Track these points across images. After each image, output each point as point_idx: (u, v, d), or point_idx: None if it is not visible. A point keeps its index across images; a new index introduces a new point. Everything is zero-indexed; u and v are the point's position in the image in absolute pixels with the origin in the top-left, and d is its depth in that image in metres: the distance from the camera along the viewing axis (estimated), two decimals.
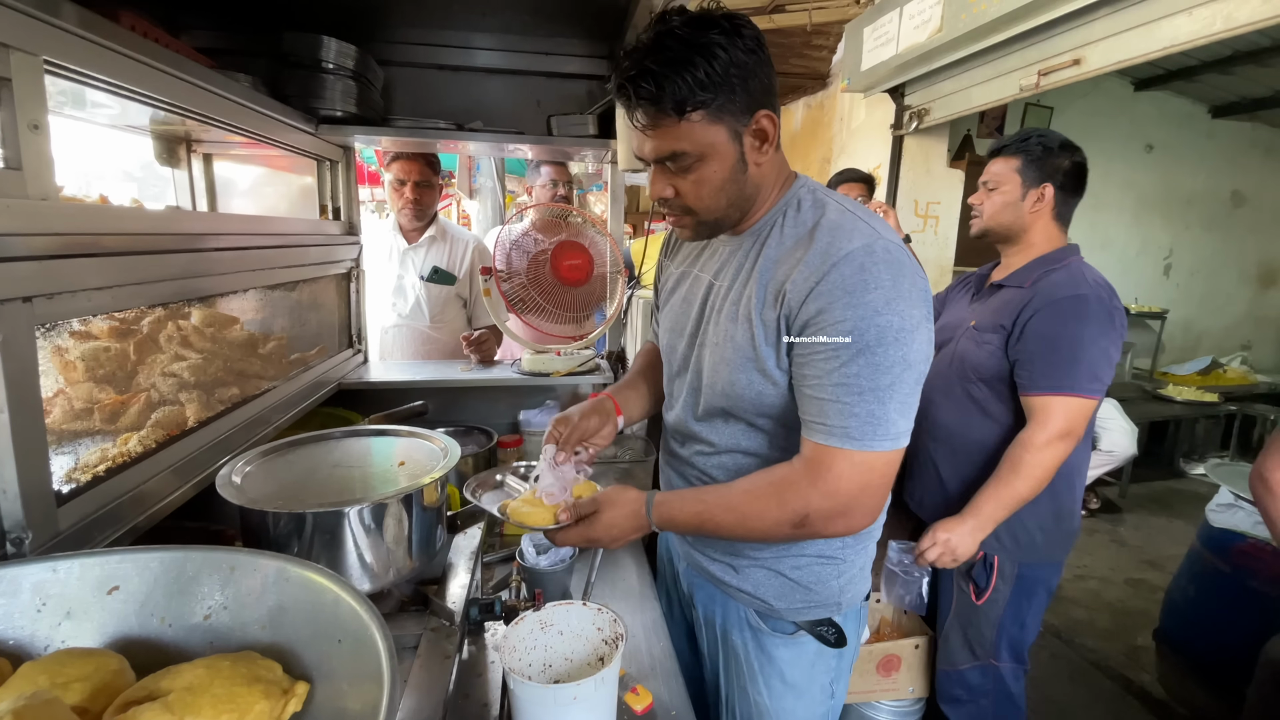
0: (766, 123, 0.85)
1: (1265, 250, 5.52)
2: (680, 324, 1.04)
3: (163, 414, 1.06)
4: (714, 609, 1.10)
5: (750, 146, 0.86)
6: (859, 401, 0.80)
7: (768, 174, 0.91)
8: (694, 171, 0.86)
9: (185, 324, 1.19)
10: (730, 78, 0.80)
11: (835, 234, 0.84)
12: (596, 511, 0.93)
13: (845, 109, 4.54)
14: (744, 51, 0.80)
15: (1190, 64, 4.27)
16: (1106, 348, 1.38)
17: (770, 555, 1.00)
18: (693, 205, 0.90)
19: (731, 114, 0.82)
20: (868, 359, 0.79)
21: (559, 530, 0.95)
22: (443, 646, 0.84)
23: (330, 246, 1.72)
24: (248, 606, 0.49)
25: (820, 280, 0.81)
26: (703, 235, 0.98)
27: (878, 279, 0.79)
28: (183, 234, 1.08)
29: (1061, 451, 1.39)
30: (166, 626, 0.50)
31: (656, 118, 0.82)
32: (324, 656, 0.45)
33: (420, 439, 1.09)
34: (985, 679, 1.62)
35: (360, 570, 0.87)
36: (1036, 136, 1.55)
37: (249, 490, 0.88)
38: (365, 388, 1.78)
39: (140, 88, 0.96)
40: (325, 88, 1.57)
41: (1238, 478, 2.26)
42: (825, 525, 0.85)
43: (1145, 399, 4.57)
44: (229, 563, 0.50)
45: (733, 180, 0.87)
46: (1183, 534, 3.67)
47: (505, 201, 3.93)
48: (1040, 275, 1.48)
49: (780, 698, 1.04)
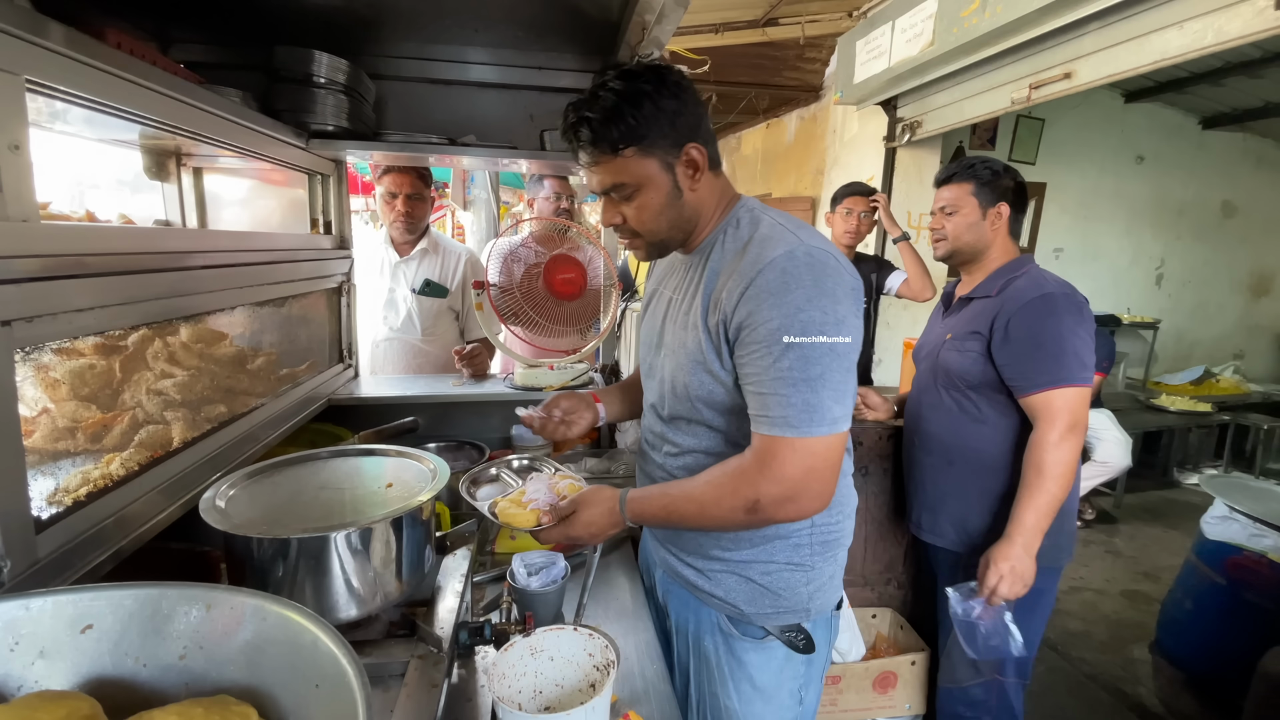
0: (695, 154, 0.97)
1: (1257, 260, 5.57)
2: (650, 337, 1.16)
3: (147, 433, 1.05)
4: (687, 616, 1.16)
5: (682, 175, 0.98)
6: (794, 392, 0.87)
7: (705, 198, 1.02)
8: (635, 200, 0.98)
9: (172, 340, 1.18)
10: (658, 119, 0.93)
11: (764, 245, 0.93)
12: (575, 511, 1.02)
13: (838, 121, 4.56)
14: (669, 97, 0.94)
15: (1181, 76, 4.31)
16: (1085, 336, 1.46)
17: (740, 561, 1.06)
18: (637, 229, 1.02)
19: (662, 149, 0.95)
20: (797, 353, 0.87)
21: (541, 530, 1.03)
22: (430, 675, 0.82)
23: (321, 261, 1.71)
24: (224, 646, 0.47)
25: (748, 286, 0.90)
26: (653, 255, 1.09)
27: (799, 280, 0.88)
28: (170, 252, 1.07)
29: (1076, 444, 1.43)
30: (141, 666, 0.48)
31: (597, 156, 0.96)
32: (301, 701, 0.43)
33: (409, 459, 1.08)
34: (989, 695, 1.62)
35: (347, 596, 0.86)
36: (981, 163, 1.65)
37: (234, 515, 0.86)
38: (356, 403, 1.77)
39: (127, 105, 0.95)
40: (316, 102, 1.57)
41: (1232, 490, 2.27)
42: (776, 510, 0.91)
43: (1139, 409, 4.58)
44: (205, 600, 0.49)
45: (670, 205, 0.99)
46: (1178, 544, 3.68)
47: (500, 213, 3.93)
48: (1004, 283, 1.57)
49: (749, 702, 1.08)
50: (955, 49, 2.90)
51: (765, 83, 5.25)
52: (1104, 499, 4.20)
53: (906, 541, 2.06)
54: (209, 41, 1.66)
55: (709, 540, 1.08)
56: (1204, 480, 2.41)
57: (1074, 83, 2.61)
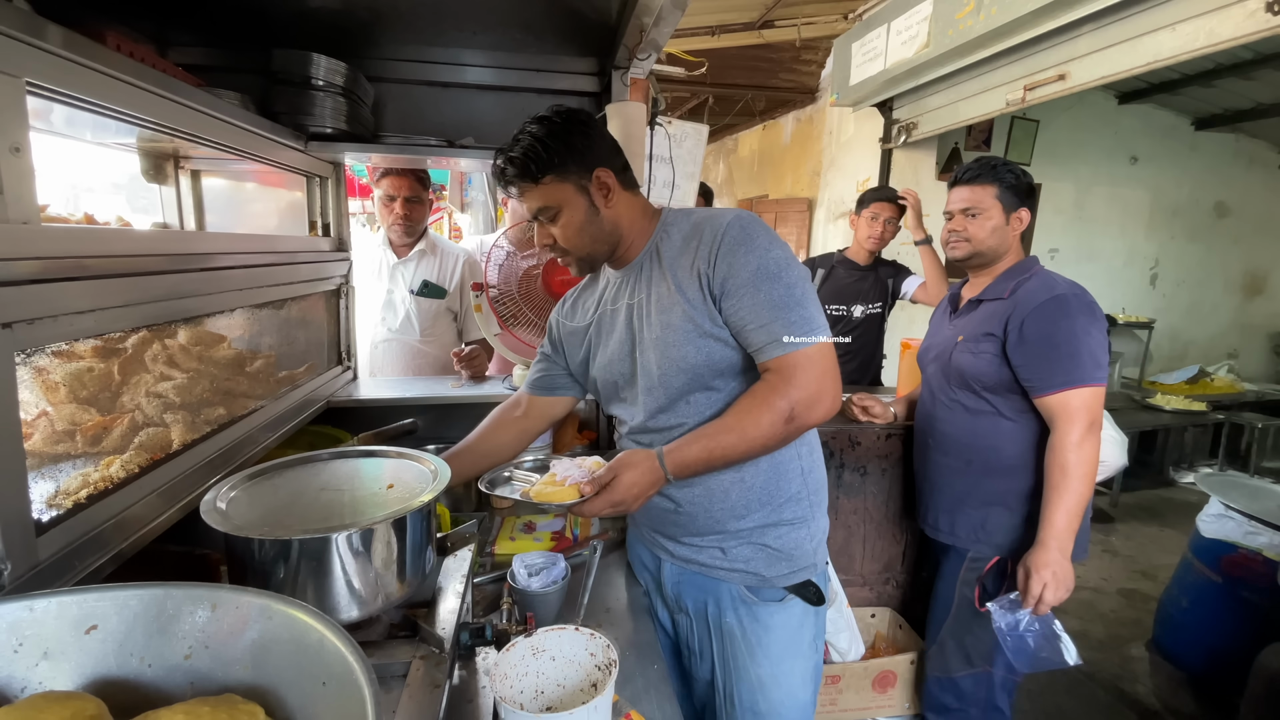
0: (605, 177, 1.12)
1: (1250, 260, 5.60)
2: (617, 352, 1.21)
3: (147, 436, 1.05)
4: (705, 600, 1.22)
5: (597, 195, 1.12)
6: (790, 312, 1.02)
7: (623, 214, 1.16)
8: (559, 220, 1.13)
9: (171, 343, 1.17)
10: (569, 151, 1.09)
11: (711, 217, 1.11)
12: (616, 477, 1.05)
13: (834, 123, 4.58)
14: (578, 134, 1.10)
15: (1173, 77, 4.34)
16: (1099, 335, 1.47)
17: (753, 528, 1.15)
18: (565, 245, 1.15)
19: (575, 174, 1.10)
20: (778, 281, 1.03)
21: (585, 502, 1.04)
22: (432, 675, 0.82)
23: (320, 263, 1.71)
24: (230, 645, 0.48)
25: (719, 246, 1.06)
26: (584, 270, 1.23)
27: (755, 229, 1.07)
28: (170, 254, 1.07)
29: (1095, 442, 1.45)
30: (146, 666, 0.48)
31: (522, 187, 1.12)
32: (308, 699, 0.44)
33: (409, 460, 1.08)
34: (977, 687, 1.63)
35: (349, 597, 0.86)
36: (1003, 165, 1.63)
37: (234, 516, 0.86)
38: (355, 405, 1.76)
39: (126, 108, 0.95)
40: (315, 105, 1.57)
41: (1228, 488, 2.28)
42: (808, 413, 1.03)
43: (1134, 408, 4.60)
44: (210, 600, 0.49)
45: (589, 222, 1.13)
46: (1174, 543, 3.69)
47: (497, 215, 3.93)
48: (1015, 285, 1.58)
49: (778, 661, 1.18)
50: (950, 51, 2.92)
51: (762, 85, 5.27)
52: (1101, 498, 4.21)
53: (905, 541, 2.07)
54: (207, 45, 1.66)
55: (723, 513, 1.15)
56: (1200, 478, 2.43)
57: (1068, 84, 2.63)
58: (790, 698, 1.19)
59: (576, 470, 1.09)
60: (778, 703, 1.18)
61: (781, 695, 1.18)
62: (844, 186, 4.48)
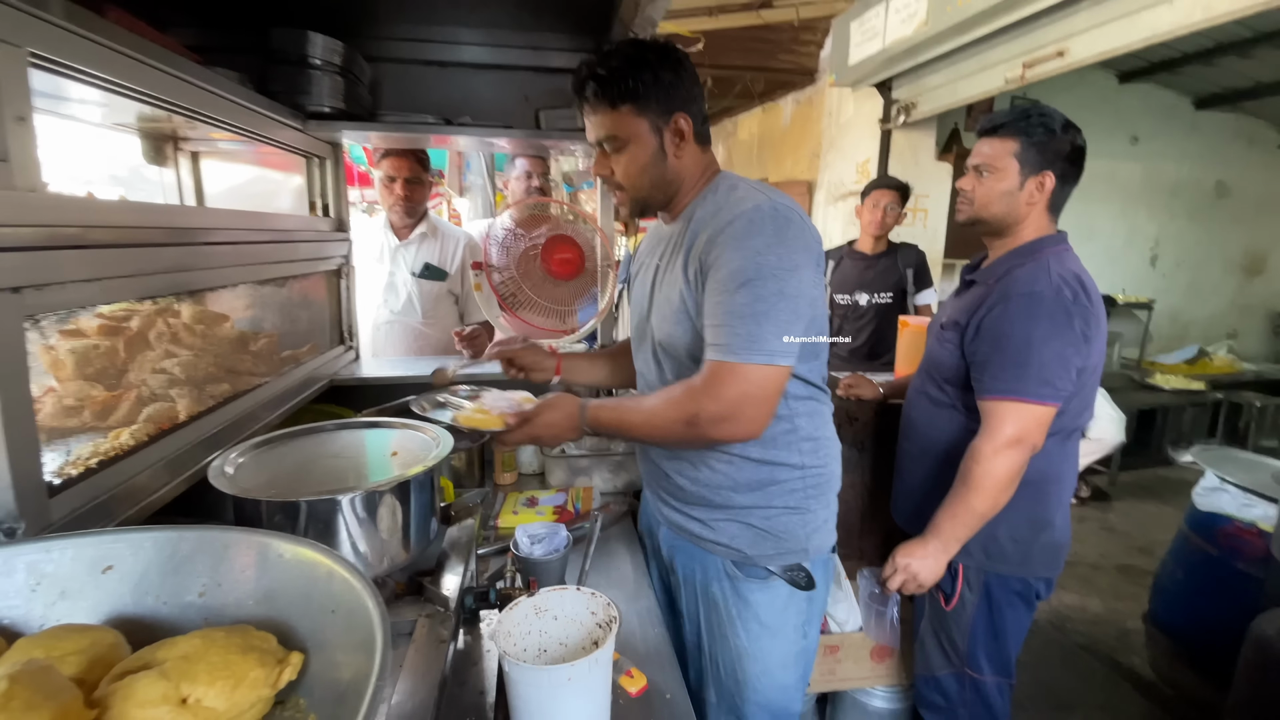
0: (683, 123, 1.07)
1: (1250, 239, 5.59)
2: (640, 305, 1.22)
3: (154, 409, 1.06)
4: (694, 567, 1.22)
5: (669, 140, 1.08)
6: (740, 324, 0.97)
7: (688, 167, 1.11)
8: (624, 153, 1.08)
9: (175, 321, 1.19)
10: (655, 86, 1.03)
11: (737, 202, 1.04)
12: (538, 414, 1.09)
13: (834, 104, 4.56)
14: (668, 70, 1.04)
15: (1173, 56, 4.32)
16: (1061, 349, 1.27)
17: (740, 508, 1.13)
18: (623, 181, 1.11)
19: (653, 112, 1.05)
20: (750, 289, 0.97)
21: (507, 432, 1.09)
22: (438, 631, 0.84)
23: (320, 243, 1.72)
24: (242, 583, 0.49)
25: (719, 232, 1.01)
26: (635, 211, 1.16)
27: (762, 228, 0.98)
28: (172, 228, 1.08)
29: (1014, 460, 1.30)
30: (161, 604, 0.50)
31: (597, 107, 1.06)
32: (318, 628, 0.45)
33: (412, 430, 1.10)
34: (963, 689, 1.53)
35: (354, 558, 0.88)
36: (1038, 115, 1.37)
37: (241, 480, 0.88)
38: (357, 384, 1.78)
39: (127, 81, 0.96)
40: (313, 84, 1.57)
41: (1224, 461, 2.29)
42: (711, 427, 0.99)
43: (1133, 388, 4.62)
44: (222, 541, 0.51)
45: (653, 165, 1.08)
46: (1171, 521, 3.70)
47: (495, 200, 3.93)
48: (1007, 270, 1.38)
49: (757, 638, 1.16)
50: (949, 28, 2.91)
51: (760, 66, 5.24)
52: (1099, 477, 4.24)
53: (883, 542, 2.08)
54: (203, 25, 1.66)
55: (710, 489, 1.15)
56: (1196, 452, 2.44)
57: (1066, 61, 2.62)
58: (767, 675, 1.18)
59: (504, 402, 1.16)
60: (754, 676, 1.18)
61: (758, 670, 1.18)
62: (844, 168, 4.47)
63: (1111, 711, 2.28)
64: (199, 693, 0.41)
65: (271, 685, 0.43)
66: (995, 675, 1.51)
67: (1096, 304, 1.34)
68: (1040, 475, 1.38)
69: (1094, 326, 1.31)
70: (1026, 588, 1.46)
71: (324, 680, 0.43)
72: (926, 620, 1.60)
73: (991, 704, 1.52)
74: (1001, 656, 1.50)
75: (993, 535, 1.41)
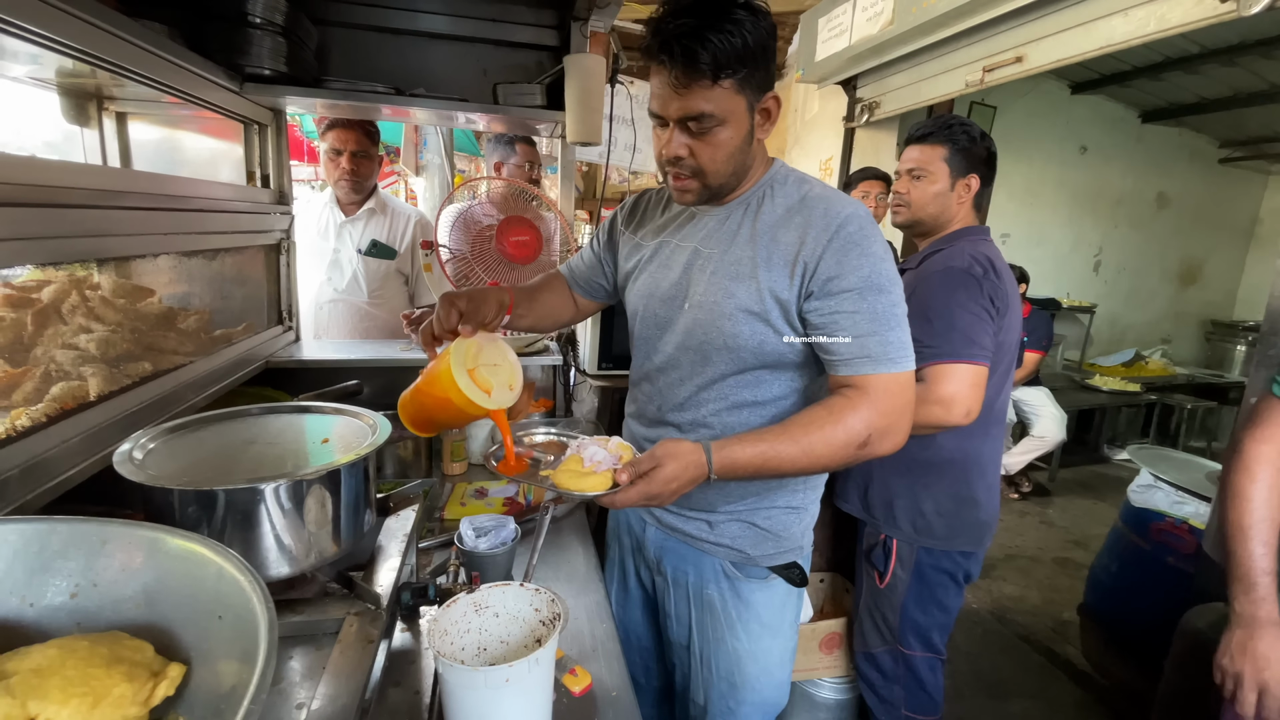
0: (773, 103, 0.96)
1: (1187, 250, 5.86)
2: (658, 288, 1.10)
3: (61, 389, 0.97)
4: (686, 569, 1.17)
5: (759, 122, 0.96)
6: (889, 331, 0.93)
7: (759, 151, 1.02)
8: (712, 134, 0.93)
9: (92, 294, 1.09)
10: (761, 60, 0.90)
11: (829, 204, 0.97)
12: (657, 466, 0.90)
13: (800, 100, 4.57)
14: (766, 34, 0.90)
15: (1123, 69, 4.47)
16: (978, 313, 1.36)
17: (744, 509, 1.10)
18: (705, 167, 0.96)
19: (752, 88, 0.92)
20: (886, 296, 0.93)
21: (618, 492, 0.90)
22: (366, 631, 0.79)
23: (258, 214, 1.62)
24: (121, 583, 0.43)
25: (831, 240, 0.93)
26: (703, 199, 1.03)
27: (873, 237, 0.94)
28: (90, 189, 0.98)
29: (938, 415, 1.34)
30: (28, 606, 0.44)
31: (693, 78, 0.88)
32: (203, 635, 0.40)
33: (348, 416, 1.03)
34: (897, 665, 1.60)
35: (278, 553, 0.82)
36: (959, 125, 1.50)
37: (151, 467, 0.80)
38: (296, 366, 1.69)
39: (37, 27, 0.86)
40: (251, 43, 1.47)
41: (1158, 460, 2.39)
42: (880, 443, 0.94)
43: (1074, 388, 4.80)
44: (100, 535, 0.44)
45: (742, 149, 0.96)
46: (1107, 515, 3.87)
47: (454, 181, 3.80)
48: (928, 254, 1.50)
49: (758, 639, 1.14)
50: (914, 29, 2.93)
51: None
52: (1039, 473, 4.39)
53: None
54: None
55: (714, 494, 1.10)
56: (1132, 451, 2.53)
57: (1024, 66, 2.67)
58: (765, 674, 1.17)
59: (605, 455, 0.95)
60: (753, 677, 1.16)
61: (757, 671, 1.16)
62: (808, 165, 4.48)
63: (1047, 700, 2.36)
64: (49, 712, 0.35)
65: (142, 703, 0.37)
66: (925, 652, 1.57)
67: (1007, 282, 1.44)
68: (963, 454, 1.48)
69: (1002, 301, 1.40)
70: (955, 566, 1.52)
71: (208, 695, 0.38)
72: (864, 598, 1.65)
73: (923, 680, 1.59)
74: (930, 634, 1.56)
75: (920, 511, 1.49)
